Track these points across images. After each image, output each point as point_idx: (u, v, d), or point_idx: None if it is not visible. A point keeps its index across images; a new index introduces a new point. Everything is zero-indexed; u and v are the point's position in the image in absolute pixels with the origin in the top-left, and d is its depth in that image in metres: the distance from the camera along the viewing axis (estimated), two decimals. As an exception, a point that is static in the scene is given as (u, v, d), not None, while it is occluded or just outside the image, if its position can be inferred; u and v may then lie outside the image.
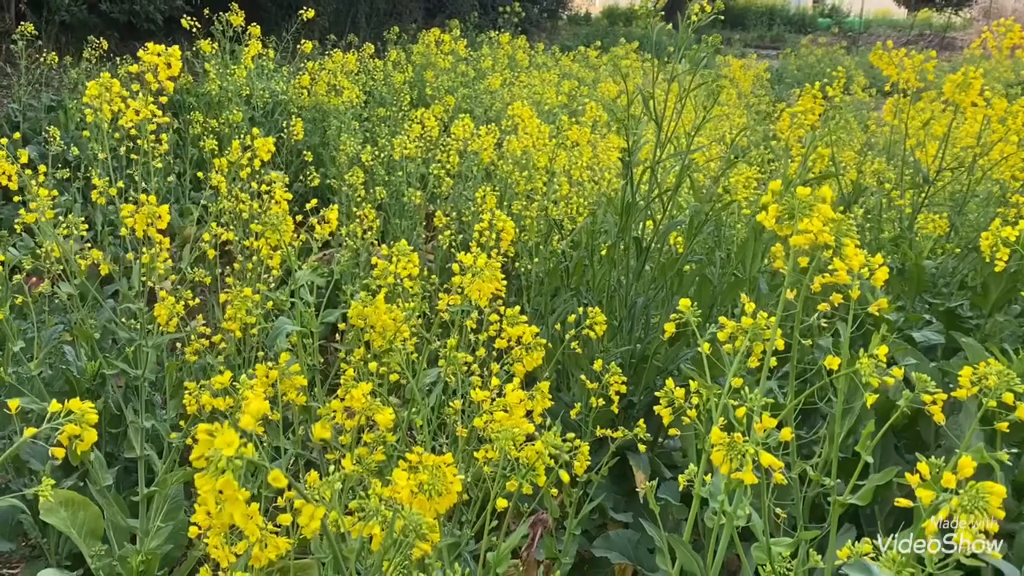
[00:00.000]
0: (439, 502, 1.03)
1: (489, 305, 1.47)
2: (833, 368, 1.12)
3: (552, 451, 1.43)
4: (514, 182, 3.38)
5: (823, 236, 1.04)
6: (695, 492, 1.19)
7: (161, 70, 1.76)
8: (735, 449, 0.95)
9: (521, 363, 1.47)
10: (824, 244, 1.05)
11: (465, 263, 1.43)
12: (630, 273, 2.10)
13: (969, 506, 0.84)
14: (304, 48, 6.82)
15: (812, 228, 1.05)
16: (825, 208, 1.06)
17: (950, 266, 2.80)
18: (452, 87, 7.74)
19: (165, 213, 1.70)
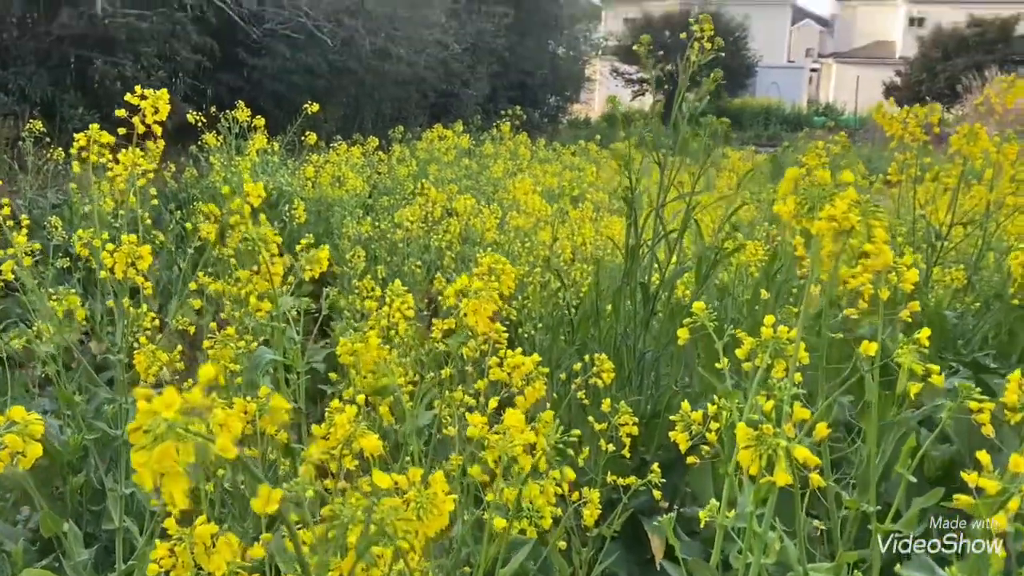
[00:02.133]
0: (428, 523, 0.91)
1: (486, 335, 1.37)
2: (870, 353, 1.01)
3: (558, 490, 1.31)
4: (515, 251, 3.32)
5: (849, 220, 0.95)
6: (718, 524, 1.06)
7: (147, 112, 1.72)
8: (764, 443, 0.83)
9: (523, 395, 1.35)
10: (850, 230, 0.96)
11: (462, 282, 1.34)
12: (637, 322, 2.00)
13: None
14: (308, 140, 6.90)
15: (836, 212, 0.96)
16: (850, 191, 0.98)
17: (970, 323, 2.70)
18: (456, 178, 7.81)
19: (147, 254, 1.62)
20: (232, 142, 7.40)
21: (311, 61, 16.52)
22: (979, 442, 1.83)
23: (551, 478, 1.31)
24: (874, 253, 0.93)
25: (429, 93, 18.65)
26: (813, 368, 1.14)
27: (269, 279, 1.57)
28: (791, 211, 1.02)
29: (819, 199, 0.99)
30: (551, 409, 2.22)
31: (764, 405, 0.89)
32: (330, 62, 16.55)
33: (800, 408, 0.87)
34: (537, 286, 3.09)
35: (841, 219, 0.97)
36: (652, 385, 2.14)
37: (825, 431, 0.88)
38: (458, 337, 1.38)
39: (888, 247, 0.95)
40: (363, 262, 4.01)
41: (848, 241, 0.97)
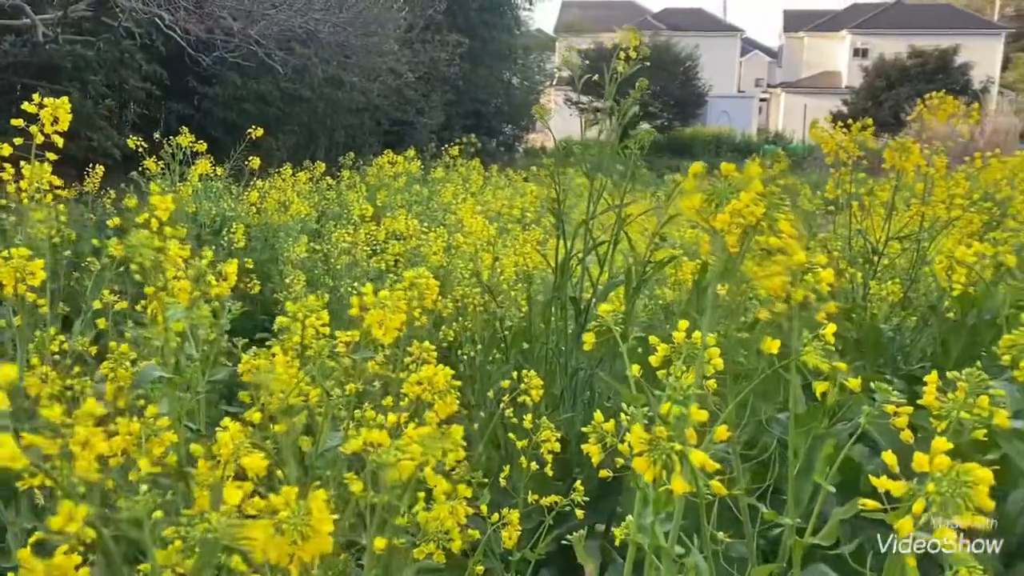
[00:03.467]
0: (304, 547, 0.83)
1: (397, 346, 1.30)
2: (772, 352, 0.95)
3: (468, 510, 1.23)
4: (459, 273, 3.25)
5: (752, 211, 0.90)
6: (631, 542, 1.00)
7: (45, 121, 1.63)
8: (659, 449, 0.77)
9: (433, 410, 1.28)
10: (754, 223, 0.91)
11: (364, 292, 1.27)
12: (568, 337, 1.94)
13: (946, 496, 0.66)
14: (251, 164, 6.79)
15: (739, 205, 0.91)
16: (755, 184, 0.93)
17: (908, 339, 2.69)
18: (406, 203, 7.74)
19: (39, 269, 1.52)
20: (176, 168, 7.25)
21: (263, 89, 16.40)
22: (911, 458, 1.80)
23: (462, 498, 1.24)
24: (779, 247, 0.88)
25: (383, 121, 18.62)
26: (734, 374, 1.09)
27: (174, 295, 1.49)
28: (696, 206, 0.97)
29: (724, 194, 0.94)
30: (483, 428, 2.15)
31: (661, 408, 0.83)
32: (282, 90, 16.44)
33: (697, 410, 0.81)
34: (477, 307, 3.02)
35: (745, 213, 0.92)
36: (587, 403, 2.08)
37: (726, 434, 0.83)
38: (363, 352, 1.31)
39: (796, 242, 0.90)
40: (302, 286, 3.91)
41: (754, 237, 0.93)
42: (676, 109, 32.16)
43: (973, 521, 0.66)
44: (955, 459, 1.53)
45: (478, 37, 20.85)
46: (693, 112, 33.25)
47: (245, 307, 4.49)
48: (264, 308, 5.10)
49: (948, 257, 1.81)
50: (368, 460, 0.92)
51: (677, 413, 0.81)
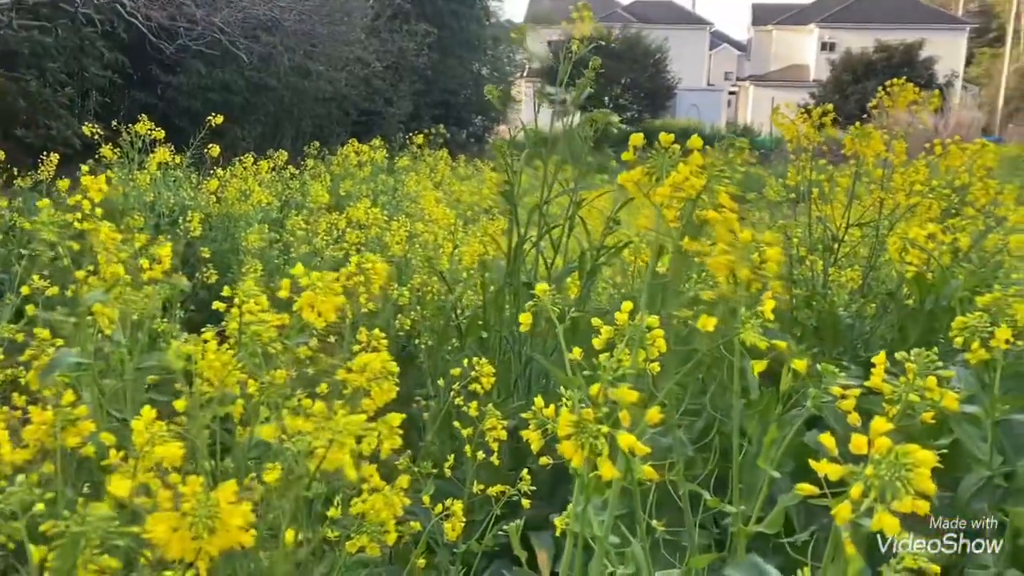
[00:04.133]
0: (210, 541, 0.77)
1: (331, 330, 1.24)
2: (708, 329, 0.91)
3: (405, 500, 1.18)
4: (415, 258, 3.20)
5: (692, 183, 0.86)
6: (569, 532, 0.95)
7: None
8: (586, 432, 0.73)
9: (370, 397, 1.22)
10: (695, 196, 0.87)
11: (296, 274, 1.21)
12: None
13: (887, 478, 0.62)
14: (211, 152, 6.66)
15: (679, 177, 0.87)
16: (695, 156, 0.89)
17: (868, 326, 2.68)
18: (372, 193, 7.64)
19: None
20: (135, 157, 7.09)
21: (228, 78, 16.13)
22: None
23: (398, 486, 1.19)
24: (717, 221, 0.84)
25: (351, 111, 18.43)
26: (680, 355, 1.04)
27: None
28: (636, 179, 0.93)
29: (664, 167, 0.89)
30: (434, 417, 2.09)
31: (591, 390, 0.78)
32: (247, 79, 16.19)
33: (628, 391, 0.77)
34: (435, 295, 2.97)
35: (685, 186, 0.87)
36: (544, 390, 2.03)
37: (658, 416, 0.79)
38: (296, 336, 1.25)
39: (735, 216, 0.86)
40: (258, 275, 3.82)
41: (695, 212, 0.88)
42: (646, 101, 32.22)
43: (914, 506, 0.62)
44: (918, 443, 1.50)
45: (447, 27, 20.70)
46: (662, 104, 33.31)
47: (190, 292, 4.40)
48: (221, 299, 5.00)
49: (902, 238, 1.78)
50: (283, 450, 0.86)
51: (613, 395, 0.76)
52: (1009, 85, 35.36)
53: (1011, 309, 1.49)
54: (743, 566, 0.78)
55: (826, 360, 2.22)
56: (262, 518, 1.05)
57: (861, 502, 0.64)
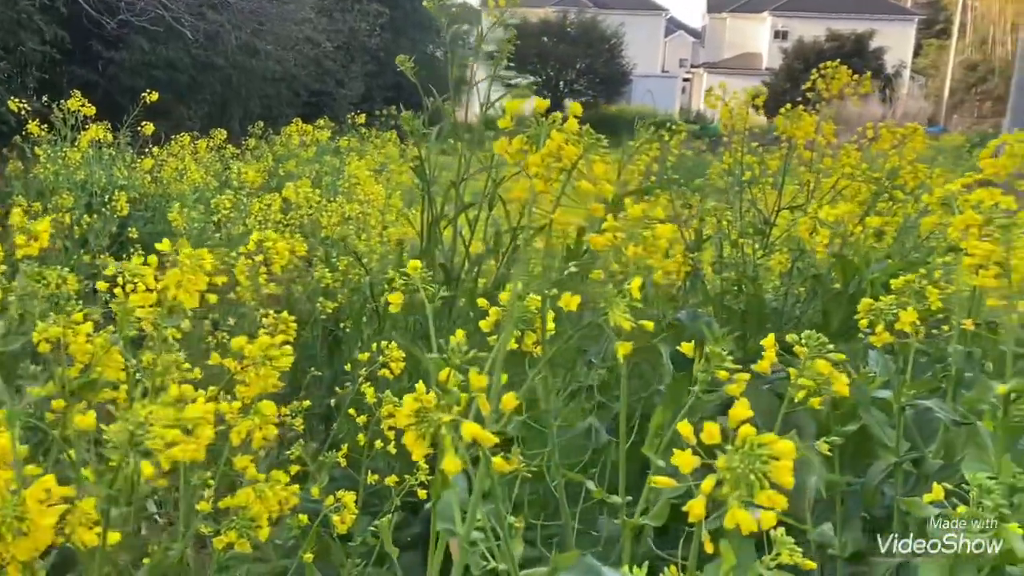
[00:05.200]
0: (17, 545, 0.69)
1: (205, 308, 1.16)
2: (572, 308, 0.85)
3: (284, 494, 1.10)
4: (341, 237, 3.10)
5: (568, 152, 0.79)
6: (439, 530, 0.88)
7: None
8: (427, 421, 0.66)
9: (245, 383, 1.14)
10: (569, 167, 0.81)
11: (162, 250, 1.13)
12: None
13: (739, 473, 0.57)
14: (145, 130, 6.45)
15: (552, 145, 0.80)
16: (571, 123, 0.82)
17: (799, 310, 2.66)
18: (316, 174, 7.48)
19: None
20: (67, 134, 6.84)
21: (173, 56, 15.70)
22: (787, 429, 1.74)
23: (275, 481, 1.11)
24: (588, 191, 0.77)
25: (301, 91, 18.10)
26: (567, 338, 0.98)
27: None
28: (514, 150, 0.86)
29: (538, 135, 0.83)
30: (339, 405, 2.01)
31: (440, 376, 0.72)
32: (193, 57, 15.78)
33: (477, 375, 0.70)
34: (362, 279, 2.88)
35: (563, 155, 0.81)
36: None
37: (514, 402, 0.72)
38: (171, 318, 1.16)
39: (611, 188, 0.80)
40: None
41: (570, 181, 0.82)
42: (601, 87, 32.23)
43: (771, 501, 0.57)
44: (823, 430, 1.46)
45: (400, 7, 20.41)
46: (618, 90, 33.35)
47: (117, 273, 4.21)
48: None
49: (812, 218, 1.75)
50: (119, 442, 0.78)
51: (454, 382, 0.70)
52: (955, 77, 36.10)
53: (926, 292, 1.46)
54: (576, 568, 0.73)
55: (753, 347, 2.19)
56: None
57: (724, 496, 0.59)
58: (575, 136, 0.80)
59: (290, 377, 2.77)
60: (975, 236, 1.03)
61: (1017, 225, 1.00)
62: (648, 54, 37.65)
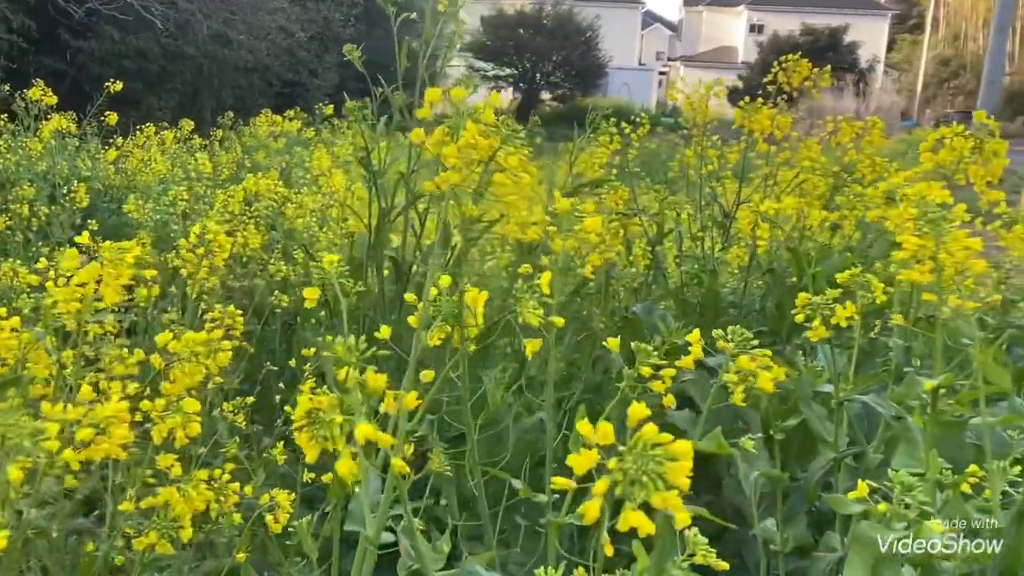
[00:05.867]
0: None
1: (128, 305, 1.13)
2: (478, 305, 0.83)
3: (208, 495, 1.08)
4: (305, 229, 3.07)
5: (482, 144, 0.77)
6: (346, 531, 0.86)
7: None
8: (318, 422, 0.64)
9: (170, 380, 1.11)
10: (484, 159, 0.79)
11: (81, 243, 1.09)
12: (385, 302, 1.79)
13: (635, 471, 0.55)
14: (108, 120, 6.34)
15: (467, 136, 0.78)
16: (487, 114, 0.80)
17: (757, 303, 2.66)
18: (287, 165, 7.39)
19: None
20: (30, 124, 6.72)
21: (143, 45, 15.49)
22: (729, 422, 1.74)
23: (197, 478, 1.09)
24: (501, 183, 0.76)
25: (274, 82, 17.93)
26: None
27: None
28: (435, 141, 0.84)
29: (458, 126, 0.81)
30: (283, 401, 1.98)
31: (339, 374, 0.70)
32: (163, 46, 15.58)
33: (375, 375, 0.68)
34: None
35: (479, 146, 0.79)
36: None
37: (415, 402, 0.71)
38: (96, 313, 1.13)
39: (529, 177, 0.78)
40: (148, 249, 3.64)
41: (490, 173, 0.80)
42: (577, 79, 32.20)
43: (666, 503, 0.56)
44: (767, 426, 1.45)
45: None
46: (594, 83, 33.32)
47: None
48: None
49: (753, 211, 1.74)
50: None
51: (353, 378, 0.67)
52: (927, 72, 36.45)
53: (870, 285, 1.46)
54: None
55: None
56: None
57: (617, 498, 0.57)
58: (492, 127, 0.78)
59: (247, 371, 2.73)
60: (909, 230, 1.02)
61: (947, 219, 0.99)
62: (625, 47, 37.66)
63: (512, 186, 0.77)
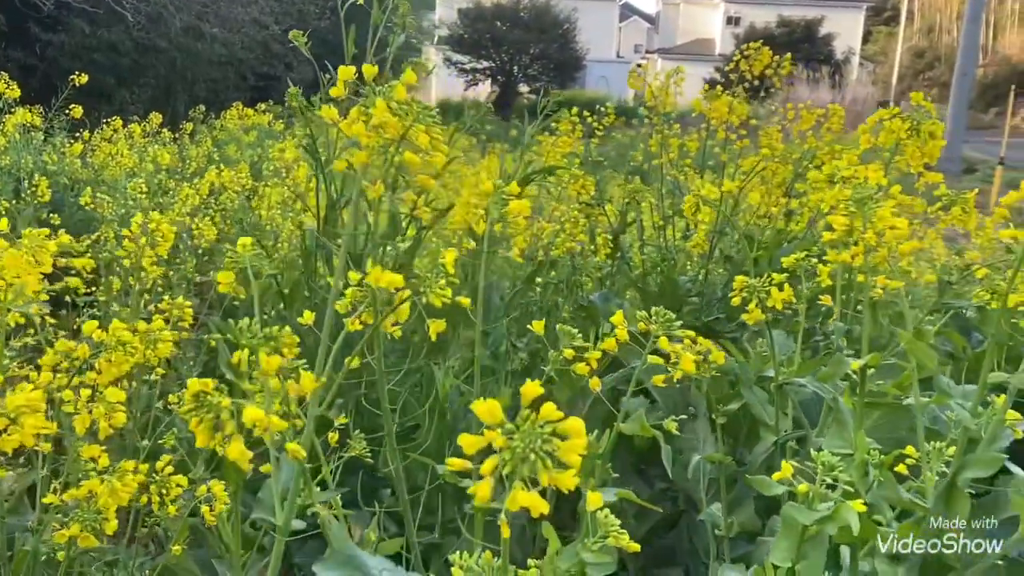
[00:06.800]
0: None
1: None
2: (382, 286, 0.81)
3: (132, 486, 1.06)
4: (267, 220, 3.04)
5: (392, 123, 0.76)
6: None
7: None
8: (207, 407, 0.62)
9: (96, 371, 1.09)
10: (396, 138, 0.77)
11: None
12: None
13: (522, 450, 0.54)
14: (73, 113, 6.26)
15: (377, 115, 0.76)
16: (399, 91, 0.78)
17: (720, 293, 2.66)
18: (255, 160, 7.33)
19: None
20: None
21: (114, 38, 15.30)
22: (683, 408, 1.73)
23: (123, 470, 1.07)
24: (415, 163, 0.74)
25: (248, 75, 17.79)
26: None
27: None
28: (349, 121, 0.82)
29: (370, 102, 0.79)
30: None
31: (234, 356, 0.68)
32: (135, 40, 15.39)
33: (266, 358, 0.67)
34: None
35: (387, 126, 0.77)
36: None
37: (311, 384, 0.69)
38: (15, 303, 1.10)
39: (442, 156, 0.76)
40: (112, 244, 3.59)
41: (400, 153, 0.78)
42: (555, 72, 32.16)
43: (557, 482, 0.54)
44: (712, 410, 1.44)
45: (350, -10, 20.11)
46: (572, 76, 33.30)
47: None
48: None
49: (695, 196, 1.74)
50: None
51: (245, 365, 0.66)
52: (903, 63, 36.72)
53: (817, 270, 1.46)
54: (332, 561, 0.70)
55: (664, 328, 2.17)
56: None
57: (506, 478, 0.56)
58: (403, 105, 0.76)
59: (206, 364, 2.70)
60: (841, 212, 1.02)
61: (875, 200, 0.99)
62: (602, 39, 37.65)
63: (423, 165, 0.76)
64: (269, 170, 4.17)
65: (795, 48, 31.88)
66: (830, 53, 32.47)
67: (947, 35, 36.98)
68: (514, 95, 30.65)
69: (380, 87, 0.79)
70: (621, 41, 42.35)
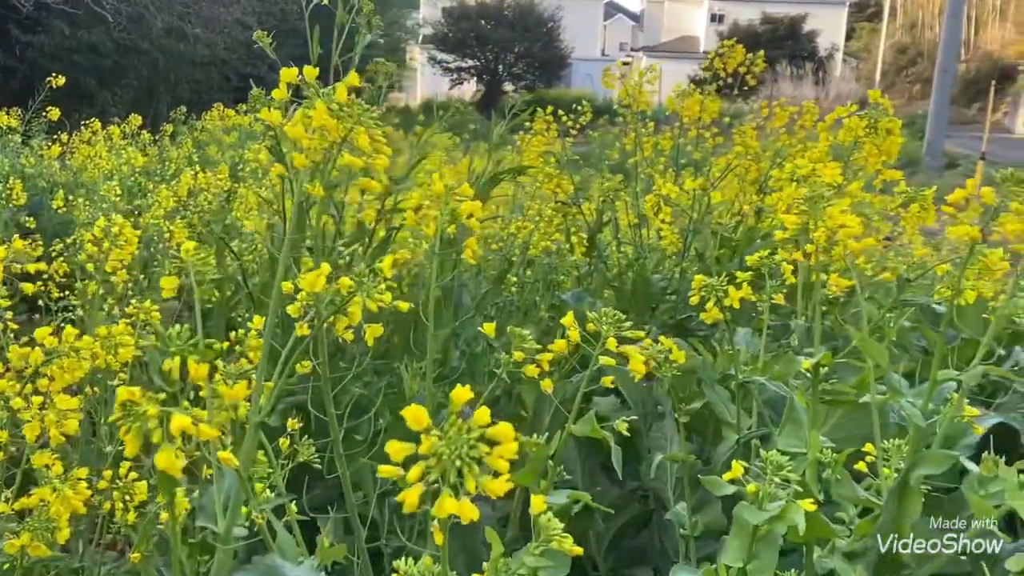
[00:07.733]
0: None
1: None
2: (316, 289, 0.81)
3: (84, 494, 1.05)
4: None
5: (331, 124, 0.75)
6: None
7: None
8: (134, 416, 0.61)
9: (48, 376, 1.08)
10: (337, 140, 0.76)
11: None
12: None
13: (449, 456, 0.53)
14: (50, 116, 6.21)
15: (317, 117, 0.76)
16: (340, 92, 0.78)
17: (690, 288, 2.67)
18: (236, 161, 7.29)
19: None
20: (-28, 121, 6.54)
21: (95, 40, 15.21)
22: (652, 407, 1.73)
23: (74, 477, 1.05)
24: (355, 165, 0.73)
25: (232, 76, 17.72)
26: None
27: None
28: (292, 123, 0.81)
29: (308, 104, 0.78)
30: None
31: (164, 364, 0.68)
32: (116, 41, 15.30)
33: (195, 364, 0.66)
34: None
35: (329, 127, 0.77)
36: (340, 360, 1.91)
37: (245, 392, 0.69)
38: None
39: (384, 158, 0.76)
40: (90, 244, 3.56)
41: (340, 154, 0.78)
42: (540, 71, 32.16)
43: (483, 489, 0.54)
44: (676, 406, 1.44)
45: (333, -11, 20.06)
46: (556, 74, 33.30)
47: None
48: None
49: (656, 195, 1.74)
50: None
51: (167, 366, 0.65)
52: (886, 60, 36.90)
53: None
54: (252, 571, 0.69)
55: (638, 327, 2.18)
56: None
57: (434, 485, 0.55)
58: (343, 108, 0.76)
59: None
60: (795, 211, 1.02)
61: (826, 199, 0.99)
62: (587, 38, 37.66)
63: (365, 168, 0.75)
64: (246, 171, 4.15)
65: (779, 45, 32.02)
66: (814, 50, 32.62)
67: (929, 31, 37.18)
68: (499, 94, 30.60)
69: (322, 90, 0.78)
70: (606, 39, 42.39)
